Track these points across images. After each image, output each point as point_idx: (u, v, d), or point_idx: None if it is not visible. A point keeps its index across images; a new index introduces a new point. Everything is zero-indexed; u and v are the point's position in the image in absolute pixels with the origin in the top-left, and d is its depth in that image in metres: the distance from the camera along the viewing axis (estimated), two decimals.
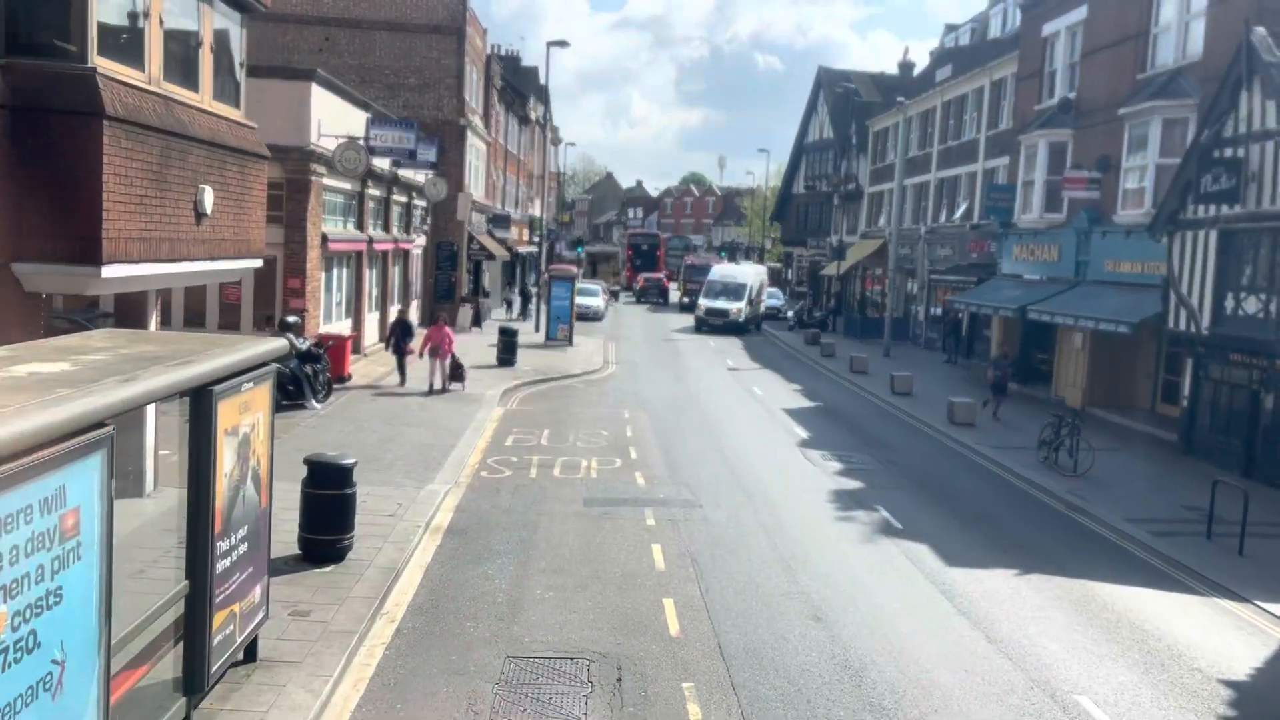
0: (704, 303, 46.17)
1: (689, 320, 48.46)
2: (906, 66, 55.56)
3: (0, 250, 8.32)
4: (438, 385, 22.44)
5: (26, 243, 8.46)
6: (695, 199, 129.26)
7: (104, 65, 8.84)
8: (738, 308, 45.37)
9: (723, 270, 51.08)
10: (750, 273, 50.09)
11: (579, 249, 73.79)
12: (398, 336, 23.34)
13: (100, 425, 5.10)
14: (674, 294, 65.14)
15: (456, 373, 23.06)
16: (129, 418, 10.64)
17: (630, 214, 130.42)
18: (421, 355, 22.97)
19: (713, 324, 44.66)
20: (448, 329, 22.91)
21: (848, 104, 54.59)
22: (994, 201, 30.59)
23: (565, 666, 8.94)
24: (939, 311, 40.01)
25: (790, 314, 53.06)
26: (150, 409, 11.35)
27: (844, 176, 55.65)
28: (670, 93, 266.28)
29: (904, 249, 41.08)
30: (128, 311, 12.25)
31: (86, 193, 8.52)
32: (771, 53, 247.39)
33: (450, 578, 11.06)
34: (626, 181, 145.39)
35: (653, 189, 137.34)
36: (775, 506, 14.89)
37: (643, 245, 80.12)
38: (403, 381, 22.86)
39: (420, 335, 24.52)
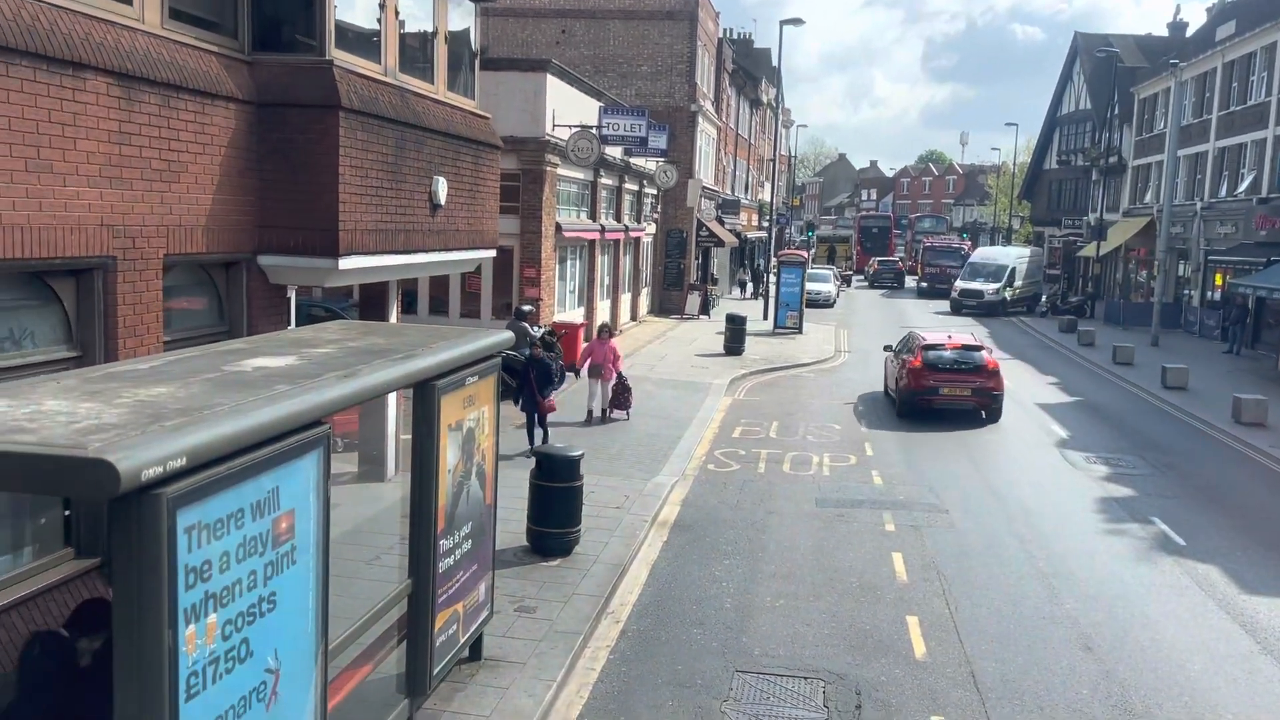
0: (960, 284, 46.38)
1: (928, 305, 46.81)
2: (1178, 27, 50.30)
3: (247, 243, 8.57)
4: (596, 412, 17.76)
5: (269, 235, 8.67)
6: (934, 178, 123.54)
7: (341, 58, 8.93)
8: (993, 289, 44.92)
9: (984, 253, 51.48)
10: (1012, 255, 48.98)
11: (809, 233, 72.21)
12: (530, 385, 15.24)
13: (316, 424, 4.90)
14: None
15: (621, 398, 18.02)
16: (372, 404, 10.89)
17: (864, 196, 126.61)
18: (578, 374, 18.48)
19: (967, 305, 44.66)
20: (613, 343, 18.23)
21: (1109, 70, 49.97)
22: None
23: (798, 687, 8.24)
24: (1218, 296, 35.86)
25: (1043, 299, 49.61)
26: (391, 395, 11.63)
27: (1104, 149, 51.08)
28: (916, 70, 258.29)
29: (1176, 227, 37.09)
30: (371, 301, 12.61)
31: (324, 185, 8.62)
32: (1032, 23, 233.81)
33: (676, 578, 10.60)
34: (860, 163, 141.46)
35: (888, 169, 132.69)
36: (1031, 514, 13.47)
37: (873, 228, 78.48)
38: (533, 446, 14.49)
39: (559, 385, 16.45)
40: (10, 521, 6.78)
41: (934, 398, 19.40)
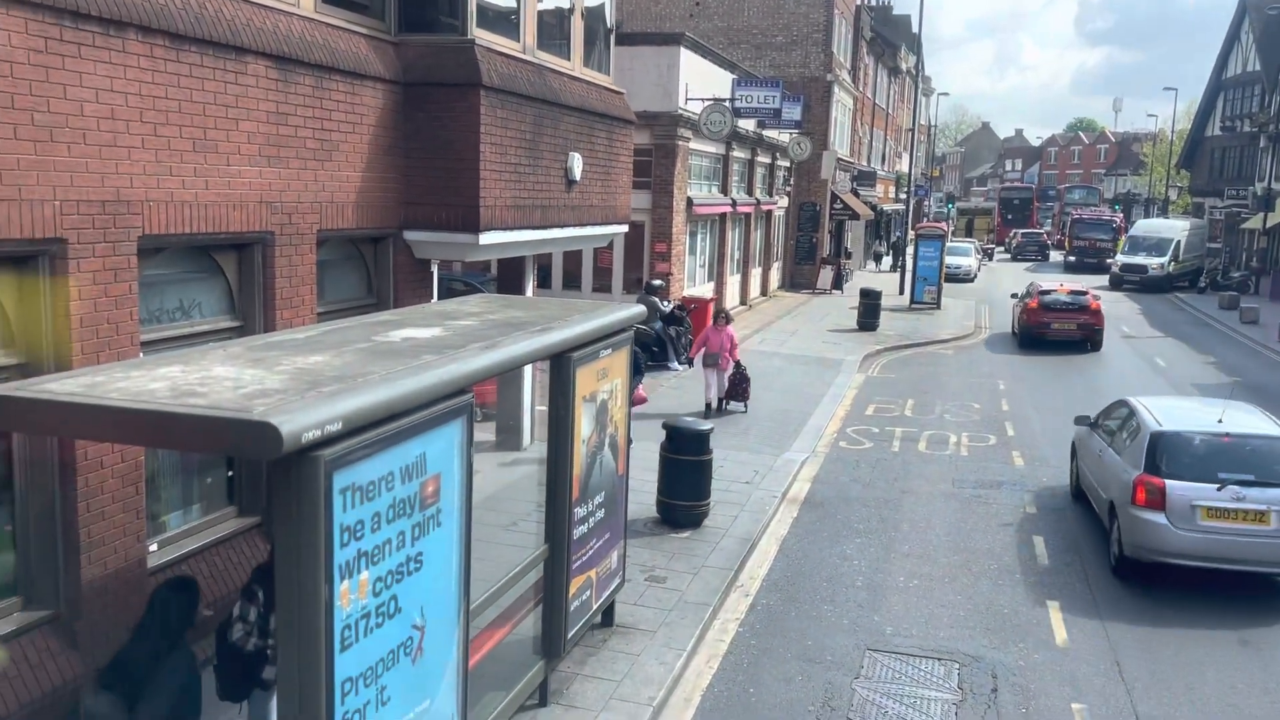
0: (1121, 258, 44.28)
1: (1078, 281, 44.67)
2: None
3: (393, 218, 8.89)
4: (714, 404, 16.23)
5: (414, 211, 8.98)
6: (1084, 147, 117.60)
7: (482, 36, 9.13)
8: (1157, 263, 42.59)
9: (1146, 225, 48.73)
10: (1176, 227, 46.31)
11: (949, 205, 70.15)
12: None
13: (460, 392, 5.08)
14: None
15: (738, 389, 16.63)
16: (509, 375, 11.17)
17: (1008, 166, 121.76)
18: (691, 363, 17.18)
19: (1129, 280, 42.47)
20: (730, 329, 16.47)
21: None
22: None
23: (932, 668, 8.11)
24: None
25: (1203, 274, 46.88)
26: (528, 366, 11.91)
27: (1273, 114, 47.59)
28: (1069, 33, 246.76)
29: None
30: (508, 275, 12.92)
31: (465, 162, 8.85)
32: None
33: (807, 554, 10.55)
34: (1005, 131, 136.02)
35: (1034, 138, 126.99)
36: None
37: (1014, 199, 76.79)
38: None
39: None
40: (181, 480, 7.29)
41: (1046, 331, 24.80)
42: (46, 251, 5.69)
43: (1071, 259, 54.01)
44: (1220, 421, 10.43)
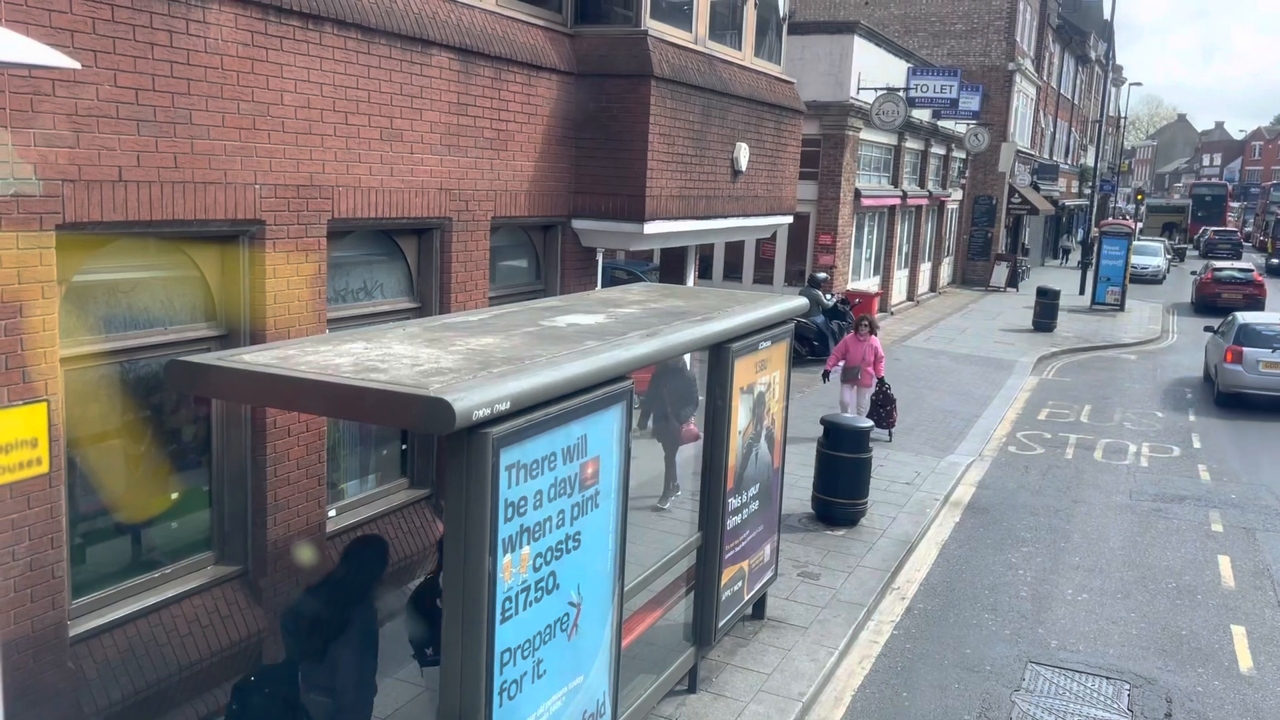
0: None
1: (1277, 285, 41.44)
2: None
3: (563, 207, 9.11)
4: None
5: (582, 200, 9.17)
6: None
7: (655, 28, 9.21)
8: None
9: None
10: None
11: (1137, 202, 66.19)
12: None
13: (621, 379, 5.17)
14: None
15: (883, 412, 13.77)
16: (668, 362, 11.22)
17: (1205, 161, 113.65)
18: (827, 378, 14.13)
19: None
20: (874, 340, 13.56)
21: None
22: None
23: (1099, 686, 7.71)
24: None
25: None
26: (688, 355, 11.98)
27: None
28: None
29: None
30: (670, 265, 13.03)
31: (633, 152, 8.97)
32: None
33: (968, 560, 10.21)
34: (1203, 124, 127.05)
35: (1236, 131, 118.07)
36: None
37: (1206, 196, 73.52)
38: (664, 498, 10.36)
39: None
40: (358, 451, 7.72)
41: (1217, 300, 30.93)
42: (247, 232, 6.12)
43: (1275, 261, 49.90)
44: None
